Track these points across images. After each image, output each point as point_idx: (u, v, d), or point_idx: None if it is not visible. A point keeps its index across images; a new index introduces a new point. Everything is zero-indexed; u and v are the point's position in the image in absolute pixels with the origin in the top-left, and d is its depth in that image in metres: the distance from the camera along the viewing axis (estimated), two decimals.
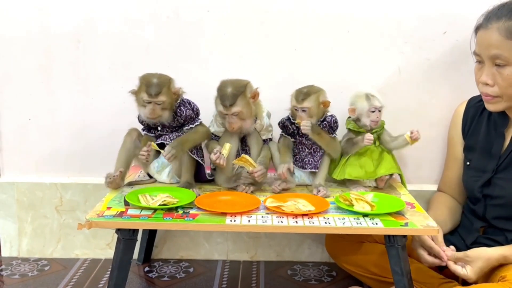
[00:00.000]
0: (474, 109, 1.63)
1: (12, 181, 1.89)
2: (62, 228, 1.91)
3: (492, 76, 1.42)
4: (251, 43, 1.79)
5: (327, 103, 1.60)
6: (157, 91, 1.52)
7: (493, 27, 1.39)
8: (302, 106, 1.57)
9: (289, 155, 1.62)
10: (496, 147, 1.52)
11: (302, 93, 1.58)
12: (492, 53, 1.40)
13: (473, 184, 1.55)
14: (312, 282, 1.79)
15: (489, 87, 1.44)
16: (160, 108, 1.54)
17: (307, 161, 1.63)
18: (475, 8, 1.71)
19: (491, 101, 1.46)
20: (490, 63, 1.42)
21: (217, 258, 1.94)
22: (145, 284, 1.76)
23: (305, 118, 1.57)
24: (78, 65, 1.82)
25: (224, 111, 1.53)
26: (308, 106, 1.57)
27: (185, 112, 1.58)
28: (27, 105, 1.85)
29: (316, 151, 1.63)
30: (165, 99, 1.54)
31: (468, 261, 1.42)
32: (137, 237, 1.40)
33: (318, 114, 1.60)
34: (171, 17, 1.78)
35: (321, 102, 1.59)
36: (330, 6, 1.76)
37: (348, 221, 1.37)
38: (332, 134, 1.63)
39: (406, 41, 1.78)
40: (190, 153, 1.58)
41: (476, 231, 1.55)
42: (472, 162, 1.59)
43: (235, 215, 1.38)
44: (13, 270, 1.83)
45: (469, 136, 1.63)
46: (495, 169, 1.51)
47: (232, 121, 1.54)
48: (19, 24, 1.79)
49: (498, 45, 1.38)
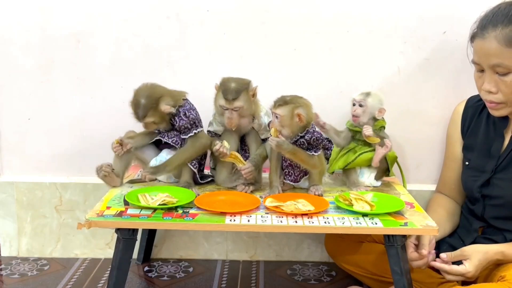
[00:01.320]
0: (474, 109, 1.62)
1: (11, 180, 1.89)
2: (62, 227, 1.91)
3: (495, 84, 1.40)
4: (251, 43, 1.80)
5: (302, 117, 1.47)
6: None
7: (491, 36, 1.36)
8: (275, 112, 1.48)
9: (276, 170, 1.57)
10: (496, 147, 1.52)
11: (280, 99, 1.49)
12: (493, 62, 1.37)
13: (472, 184, 1.55)
14: (312, 281, 1.79)
15: (492, 95, 1.42)
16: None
17: (287, 172, 1.58)
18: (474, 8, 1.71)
19: (495, 107, 1.45)
20: (491, 71, 1.39)
21: (216, 257, 1.94)
22: (144, 284, 1.76)
23: (277, 125, 1.49)
24: (78, 65, 1.82)
25: (226, 105, 1.52)
26: (280, 114, 1.47)
27: (179, 123, 1.56)
28: (27, 104, 1.85)
29: (297, 166, 1.56)
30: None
31: (465, 256, 1.40)
32: (136, 237, 1.40)
33: (292, 126, 1.48)
34: (171, 17, 1.78)
35: (297, 113, 1.47)
36: (330, 6, 1.76)
37: (347, 221, 1.37)
38: (311, 151, 1.51)
39: (406, 41, 1.78)
40: None
41: (475, 231, 1.55)
42: (471, 161, 1.59)
43: (234, 214, 1.38)
44: (13, 270, 1.83)
45: (468, 135, 1.62)
46: (494, 169, 1.50)
47: (232, 116, 1.53)
48: (19, 24, 1.79)
49: (498, 54, 1.35)
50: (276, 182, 1.55)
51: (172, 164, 1.56)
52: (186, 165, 1.57)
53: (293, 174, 1.57)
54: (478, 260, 1.39)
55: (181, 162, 1.57)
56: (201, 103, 1.62)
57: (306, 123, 1.49)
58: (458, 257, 1.41)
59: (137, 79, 1.58)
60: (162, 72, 1.80)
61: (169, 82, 1.60)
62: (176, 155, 1.57)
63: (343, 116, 1.73)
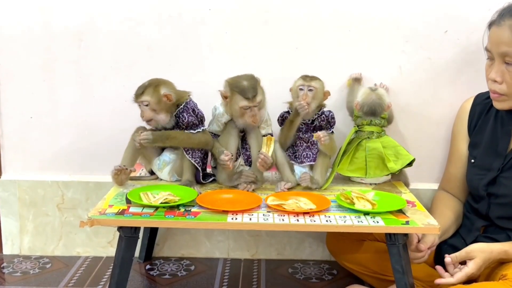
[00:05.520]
0: (482, 106, 1.61)
1: (13, 179, 1.89)
2: (64, 226, 1.92)
3: (501, 74, 1.41)
4: (253, 42, 1.80)
5: (327, 93, 1.63)
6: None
7: (506, 24, 1.38)
8: (310, 85, 1.58)
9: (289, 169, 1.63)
10: (502, 145, 1.51)
11: (309, 76, 1.61)
12: (502, 50, 1.38)
13: (478, 182, 1.54)
14: (313, 280, 1.79)
15: (497, 85, 1.43)
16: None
17: (305, 155, 1.62)
18: (476, 7, 1.72)
19: (497, 98, 1.46)
20: (500, 60, 1.41)
21: (218, 256, 1.94)
22: (146, 282, 1.77)
23: (310, 97, 1.58)
24: (80, 64, 1.82)
25: (248, 104, 1.52)
26: (316, 87, 1.58)
27: (188, 119, 1.57)
28: (29, 103, 1.85)
29: (314, 144, 1.62)
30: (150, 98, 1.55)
31: (471, 256, 1.39)
32: (138, 235, 1.41)
33: (320, 101, 1.61)
34: (173, 16, 1.78)
35: (325, 91, 1.62)
36: (331, 5, 1.76)
37: (349, 219, 1.37)
38: (330, 129, 1.62)
39: (407, 40, 1.78)
40: (187, 155, 1.58)
41: (477, 230, 1.55)
42: (477, 159, 1.57)
43: (236, 213, 1.39)
44: (15, 268, 1.84)
45: (475, 133, 1.61)
46: (501, 167, 1.49)
47: (255, 113, 1.54)
48: (21, 23, 1.79)
49: (508, 42, 1.37)
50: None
51: (174, 140, 1.56)
52: (188, 163, 1.58)
53: (311, 155, 1.62)
54: (483, 260, 1.38)
55: (182, 143, 1.57)
56: (202, 102, 1.63)
57: (323, 101, 1.63)
58: (463, 258, 1.40)
59: (139, 78, 1.58)
60: (164, 71, 1.79)
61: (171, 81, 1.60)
62: (181, 133, 1.57)
63: (343, 115, 1.74)
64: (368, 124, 1.65)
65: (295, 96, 1.62)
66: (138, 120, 1.62)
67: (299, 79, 1.62)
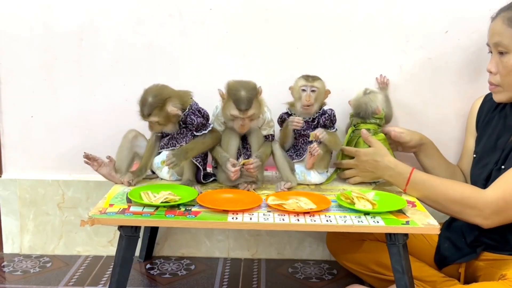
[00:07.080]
0: (490, 103, 1.62)
1: (14, 178, 1.90)
2: (64, 225, 1.92)
3: (496, 64, 1.46)
4: (254, 41, 1.80)
5: (328, 92, 1.63)
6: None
7: (499, 16, 1.44)
8: (313, 85, 1.59)
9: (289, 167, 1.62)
10: (503, 139, 1.50)
11: (311, 75, 1.61)
12: (495, 40, 1.44)
13: (477, 177, 1.54)
14: (313, 280, 1.79)
15: (492, 75, 1.48)
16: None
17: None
18: (477, 7, 1.72)
19: (493, 90, 1.50)
20: (495, 51, 1.46)
21: (218, 255, 1.94)
22: (146, 281, 1.77)
23: (312, 98, 1.58)
24: (81, 63, 1.82)
25: (239, 115, 1.51)
26: (318, 87, 1.59)
27: (196, 121, 1.56)
28: (30, 102, 1.85)
29: (315, 141, 1.61)
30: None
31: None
32: (139, 234, 1.41)
33: (322, 101, 1.62)
34: (174, 15, 1.79)
35: (326, 90, 1.62)
36: (332, 5, 1.77)
37: (349, 219, 1.37)
38: (332, 128, 1.63)
39: (408, 40, 1.79)
40: None
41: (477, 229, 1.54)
42: (477, 154, 1.59)
43: (237, 212, 1.39)
44: (15, 267, 1.84)
45: (481, 129, 1.62)
46: (497, 161, 1.48)
47: (245, 123, 1.53)
48: (22, 22, 1.79)
49: (500, 32, 1.42)
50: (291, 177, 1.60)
51: (192, 152, 1.55)
52: (189, 162, 1.58)
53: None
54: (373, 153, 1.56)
55: (200, 150, 1.57)
56: (204, 101, 1.63)
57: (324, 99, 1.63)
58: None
59: (139, 78, 1.59)
60: (164, 71, 1.81)
61: (171, 81, 1.60)
62: (195, 142, 1.56)
63: (343, 115, 1.74)
64: (364, 123, 1.66)
65: (297, 96, 1.62)
66: (138, 119, 1.62)
67: (300, 79, 1.62)
